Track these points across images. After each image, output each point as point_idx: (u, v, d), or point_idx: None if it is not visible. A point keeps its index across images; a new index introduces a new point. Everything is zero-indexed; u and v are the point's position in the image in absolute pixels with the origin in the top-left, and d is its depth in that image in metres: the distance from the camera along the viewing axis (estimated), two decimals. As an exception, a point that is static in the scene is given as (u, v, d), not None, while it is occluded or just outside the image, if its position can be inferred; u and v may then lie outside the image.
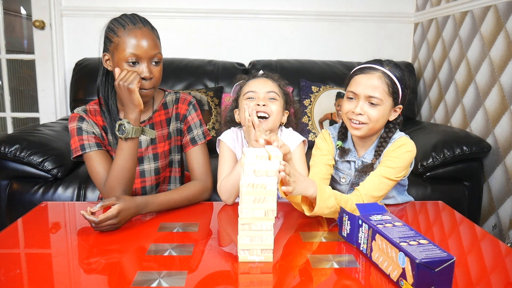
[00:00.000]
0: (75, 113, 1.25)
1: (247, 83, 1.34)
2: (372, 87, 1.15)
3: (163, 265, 0.85)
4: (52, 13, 2.65)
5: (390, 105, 1.18)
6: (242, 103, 1.30)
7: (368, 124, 1.17)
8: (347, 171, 1.29)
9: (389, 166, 1.17)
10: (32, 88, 2.88)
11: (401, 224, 0.89)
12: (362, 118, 1.17)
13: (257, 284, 0.81)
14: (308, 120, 2.35)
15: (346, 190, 1.29)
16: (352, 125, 1.19)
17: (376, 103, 1.16)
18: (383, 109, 1.17)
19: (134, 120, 1.14)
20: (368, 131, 1.19)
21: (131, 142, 1.16)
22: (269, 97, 1.28)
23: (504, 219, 1.91)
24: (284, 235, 1.04)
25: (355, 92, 1.17)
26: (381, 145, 1.22)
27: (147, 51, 1.15)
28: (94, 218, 0.98)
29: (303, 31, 2.82)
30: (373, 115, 1.16)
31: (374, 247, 0.86)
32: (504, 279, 0.85)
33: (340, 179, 1.29)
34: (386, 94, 1.16)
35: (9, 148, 1.74)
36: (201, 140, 1.33)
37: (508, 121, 1.91)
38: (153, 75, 1.18)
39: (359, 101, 1.17)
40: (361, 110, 1.16)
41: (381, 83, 1.15)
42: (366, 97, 1.16)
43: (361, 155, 1.26)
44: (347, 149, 1.27)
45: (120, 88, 1.13)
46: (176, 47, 2.71)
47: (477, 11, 2.17)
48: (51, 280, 0.80)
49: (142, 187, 1.32)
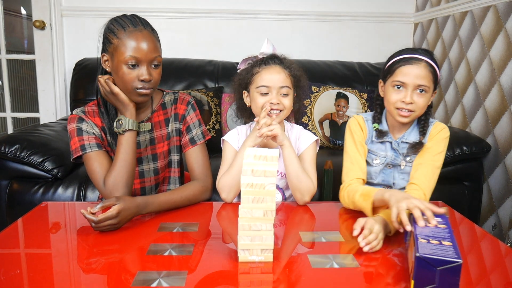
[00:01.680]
0: (74, 114, 1.25)
1: (260, 72, 1.28)
2: (420, 77, 1.22)
3: (163, 265, 0.85)
4: (52, 13, 2.65)
5: (432, 91, 1.26)
6: (253, 92, 1.29)
7: (416, 112, 1.25)
8: (381, 152, 1.33)
9: (436, 152, 1.26)
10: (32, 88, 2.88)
11: (445, 227, 0.86)
12: (412, 107, 1.24)
13: (257, 284, 0.81)
14: (308, 120, 2.35)
15: (379, 170, 1.33)
16: (401, 113, 1.25)
17: (425, 90, 1.23)
18: (429, 96, 1.26)
19: (130, 115, 1.19)
20: (414, 118, 1.28)
21: (129, 136, 1.18)
22: (282, 93, 1.27)
23: (504, 219, 1.91)
24: (284, 235, 1.04)
25: (404, 81, 1.24)
26: (423, 125, 1.29)
27: (147, 54, 1.16)
28: (94, 218, 0.98)
29: (303, 31, 2.82)
30: (421, 103, 1.24)
31: (410, 243, 0.87)
32: (504, 279, 0.85)
33: (373, 160, 1.34)
34: (431, 82, 1.24)
35: (9, 148, 1.74)
36: (200, 140, 1.33)
37: (508, 121, 1.91)
38: (153, 77, 1.18)
39: (408, 90, 1.23)
40: (411, 99, 1.23)
41: (427, 72, 1.23)
42: (416, 86, 1.23)
43: (399, 137, 1.32)
44: (384, 131, 1.33)
45: (106, 95, 1.19)
46: (176, 47, 2.71)
47: (477, 11, 2.17)
48: (51, 280, 0.80)
49: (142, 187, 1.32)
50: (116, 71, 1.17)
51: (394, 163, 1.32)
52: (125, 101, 1.17)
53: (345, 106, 2.37)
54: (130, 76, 1.16)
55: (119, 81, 1.17)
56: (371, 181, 1.35)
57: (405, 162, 1.31)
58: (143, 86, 1.18)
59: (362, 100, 2.41)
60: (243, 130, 1.37)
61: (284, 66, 1.29)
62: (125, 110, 1.18)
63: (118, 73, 1.16)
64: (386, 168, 1.33)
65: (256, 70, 1.29)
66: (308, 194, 1.24)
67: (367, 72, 2.61)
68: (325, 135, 2.34)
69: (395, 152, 1.32)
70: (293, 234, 1.04)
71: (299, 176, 1.23)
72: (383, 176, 1.34)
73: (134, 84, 1.17)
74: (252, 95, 1.30)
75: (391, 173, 1.33)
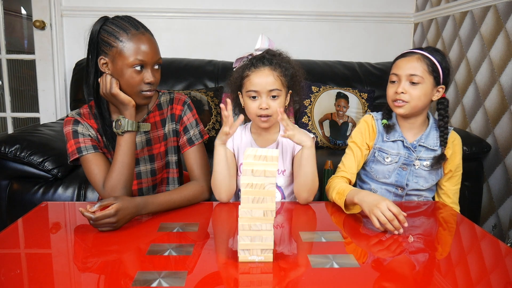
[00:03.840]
0: (70, 116, 1.25)
1: (250, 75, 1.26)
2: (412, 67, 1.25)
3: (163, 265, 0.85)
4: (52, 13, 2.65)
5: (432, 84, 1.27)
6: (244, 96, 1.29)
7: (410, 103, 1.26)
8: (392, 151, 1.34)
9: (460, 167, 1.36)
10: (32, 88, 2.88)
11: None
12: (405, 97, 1.26)
13: (257, 284, 0.81)
14: (308, 120, 2.35)
15: (392, 169, 1.35)
16: (396, 104, 1.28)
17: (417, 81, 1.25)
18: (425, 88, 1.26)
19: (129, 116, 1.18)
20: (411, 109, 1.28)
21: (128, 137, 1.17)
22: (271, 95, 1.25)
23: (504, 219, 1.91)
24: (284, 235, 1.04)
25: (397, 73, 1.28)
26: (443, 133, 1.32)
27: (153, 56, 1.17)
28: (92, 215, 0.98)
29: (303, 31, 2.82)
30: (415, 93, 1.25)
31: None
32: (504, 279, 0.85)
33: (384, 159, 1.35)
34: (426, 73, 1.25)
35: (10, 148, 1.74)
36: (198, 140, 1.33)
37: (508, 121, 1.91)
38: (156, 79, 1.20)
39: (401, 82, 1.27)
40: (403, 89, 1.26)
41: (420, 63, 1.25)
42: (407, 76, 1.25)
43: (416, 139, 1.33)
44: (392, 125, 1.35)
45: (106, 96, 1.18)
46: (176, 47, 2.71)
47: (477, 11, 2.17)
48: (51, 280, 0.80)
49: (139, 188, 1.32)
50: (121, 74, 1.16)
51: (408, 162, 1.33)
52: (125, 101, 1.17)
53: (345, 106, 2.37)
54: (136, 80, 1.16)
55: (124, 84, 1.17)
56: (384, 180, 1.36)
57: (419, 162, 1.32)
58: (149, 89, 1.19)
59: (362, 100, 2.41)
60: (237, 131, 1.37)
61: (273, 67, 1.25)
62: (124, 110, 1.18)
63: (124, 76, 1.16)
64: (401, 170, 1.34)
65: (246, 73, 1.27)
66: (314, 194, 1.26)
67: (367, 72, 2.61)
68: (325, 135, 2.34)
69: (408, 150, 1.33)
70: (293, 234, 1.04)
71: (314, 177, 1.24)
72: (396, 177, 1.34)
73: (139, 87, 1.17)
74: (244, 98, 1.30)
75: (406, 175, 1.34)
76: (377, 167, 1.37)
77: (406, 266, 0.88)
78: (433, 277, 0.83)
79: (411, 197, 1.38)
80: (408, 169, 1.33)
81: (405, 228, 1.03)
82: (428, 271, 0.86)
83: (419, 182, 1.34)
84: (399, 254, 0.94)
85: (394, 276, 0.84)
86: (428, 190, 1.37)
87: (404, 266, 0.89)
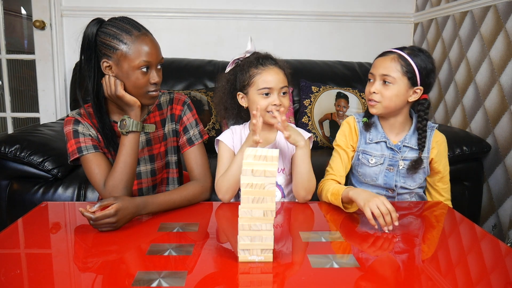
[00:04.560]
0: (70, 116, 1.25)
1: (261, 73, 1.26)
2: (385, 67, 1.25)
3: (163, 265, 0.85)
4: (52, 13, 2.65)
5: (406, 85, 1.26)
6: (254, 95, 1.27)
7: (382, 103, 1.26)
8: (376, 153, 1.34)
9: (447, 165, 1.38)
10: (32, 88, 2.88)
11: None
12: (376, 97, 1.27)
13: (257, 284, 0.81)
14: (308, 120, 2.35)
15: (380, 171, 1.34)
16: (369, 103, 1.30)
17: (389, 81, 1.25)
18: (397, 88, 1.25)
19: (134, 116, 1.18)
20: (383, 109, 1.28)
21: (132, 137, 1.17)
22: (282, 92, 1.28)
23: (504, 219, 1.91)
24: (284, 235, 1.04)
25: (372, 72, 1.29)
26: (421, 136, 1.30)
27: (157, 56, 1.18)
28: (92, 215, 0.98)
29: (303, 31, 2.82)
30: (386, 93, 1.25)
31: None
32: (504, 279, 0.85)
33: (369, 161, 1.35)
34: (399, 73, 1.24)
35: (9, 148, 1.74)
36: (198, 140, 1.33)
37: (508, 121, 1.91)
38: (160, 78, 1.20)
39: (376, 81, 1.27)
40: (375, 89, 1.26)
41: (394, 63, 1.25)
42: (381, 76, 1.26)
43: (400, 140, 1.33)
44: (371, 123, 1.34)
45: (111, 97, 1.18)
46: (176, 47, 2.71)
47: (477, 11, 2.17)
48: (51, 280, 0.80)
49: (139, 188, 1.31)
50: (127, 77, 1.15)
51: (393, 163, 1.32)
52: (131, 102, 1.16)
53: (345, 106, 2.37)
54: (142, 81, 1.16)
55: (130, 86, 1.16)
56: (373, 183, 1.36)
57: (403, 163, 1.32)
58: (155, 89, 1.19)
59: (362, 100, 2.41)
60: (237, 130, 1.37)
61: (279, 66, 1.30)
62: (130, 110, 1.18)
63: (130, 78, 1.15)
64: (387, 171, 1.33)
65: (254, 71, 1.28)
66: (312, 192, 1.27)
67: (367, 72, 2.58)
68: (325, 135, 2.34)
69: (392, 151, 1.32)
70: (293, 234, 1.04)
71: (310, 176, 1.26)
72: (384, 179, 1.34)
73: (146, 88, 1.18)
74: (251, 97, 1.29)
75: (393, 176, 1.33)
76: (363, 170, 1.36)
77: (407, 266, 0.88)
78: (433, 277, 0.83)
79: (403, 196, 1.37)
80: (394, 170, 1.33)
81: (395, 226, 1.04)
82: (428, 271, 0.86)
83: (406, 182, 1.34)
84: (399, 254, 0.94)
85: (394, 276, 0.84)
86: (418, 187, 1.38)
87: (404, 266, 0.89)
